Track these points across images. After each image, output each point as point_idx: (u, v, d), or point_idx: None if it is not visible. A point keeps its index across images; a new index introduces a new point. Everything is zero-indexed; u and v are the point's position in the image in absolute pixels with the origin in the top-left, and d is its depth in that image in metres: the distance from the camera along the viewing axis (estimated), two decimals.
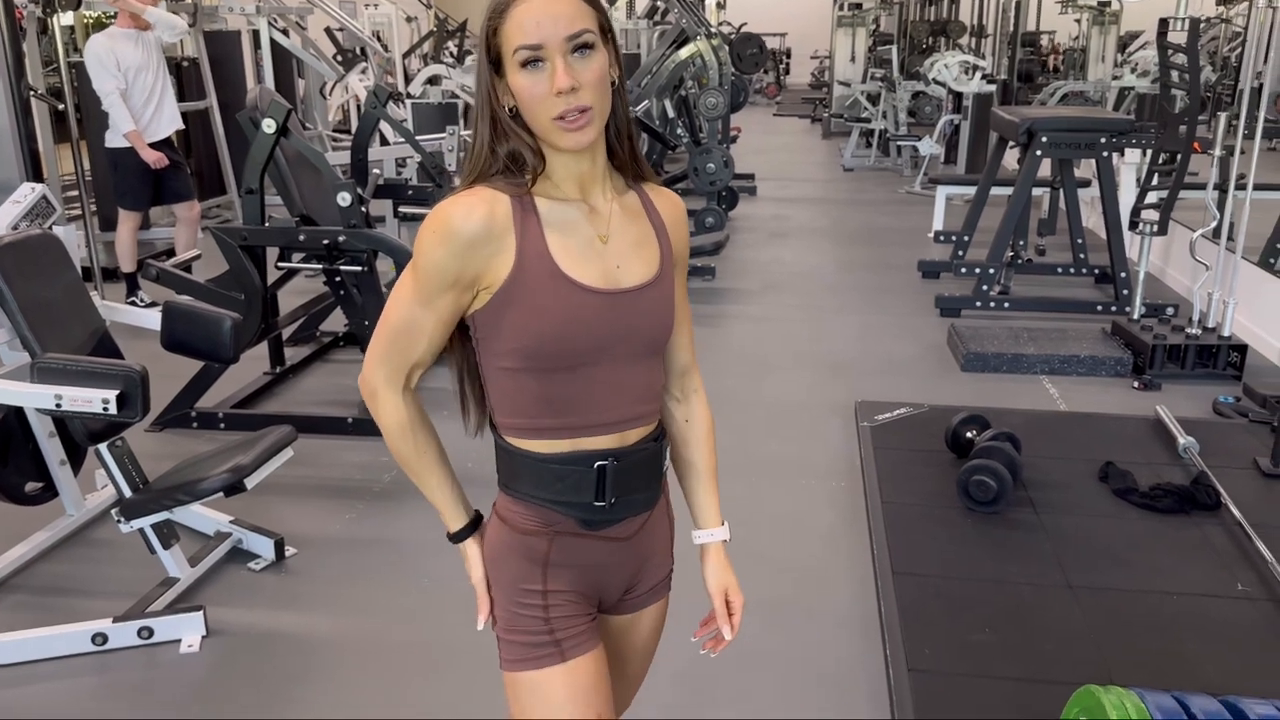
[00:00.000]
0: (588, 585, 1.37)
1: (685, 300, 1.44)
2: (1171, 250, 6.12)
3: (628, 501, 1.34)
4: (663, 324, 1.34)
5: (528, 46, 1.18)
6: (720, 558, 1.48)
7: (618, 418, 1.31)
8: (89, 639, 2.58)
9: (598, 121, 1.22)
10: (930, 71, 9.89)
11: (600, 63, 1.21)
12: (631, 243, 1.31)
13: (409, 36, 13.80)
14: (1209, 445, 3.61)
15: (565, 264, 1.25)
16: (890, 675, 2.45)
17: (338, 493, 3.49)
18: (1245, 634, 2.63)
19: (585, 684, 1.32)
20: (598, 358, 1.27)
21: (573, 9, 1.19)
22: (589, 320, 1.25)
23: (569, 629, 1.33)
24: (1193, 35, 4.80)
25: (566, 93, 1.17)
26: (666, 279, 1.33)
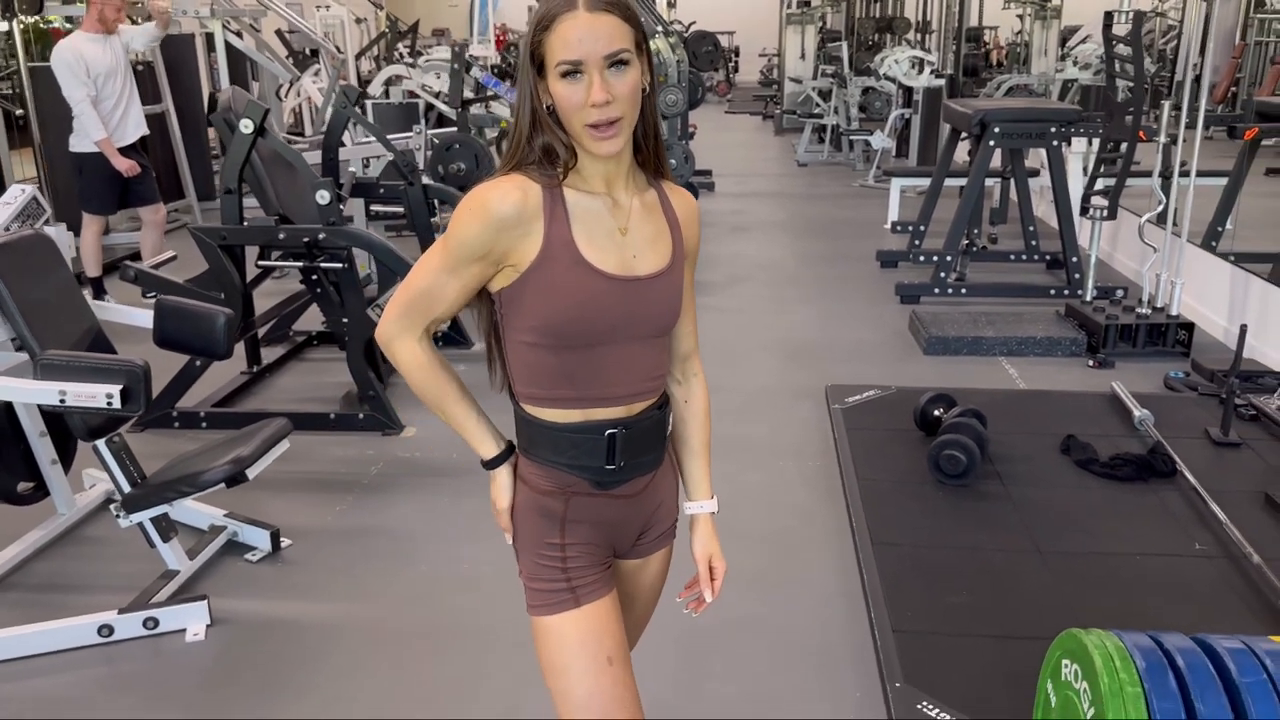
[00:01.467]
0: (601, 538, 1.50)
1: (692, 291, 1.55)
2: (1119, 236, 6.35)
3: (636, 464, 1.48)
4: (671, 310, 1.46)
5: (569, 61, 1.29)
6: (707, 528, 1.62)
7: (626, 391, 1.44)
8: (95, 631, 2.62)
9: (626, 130, 1.34)
10: (881, 67, 10.10)
11: (633, 77, 1.32)
12: (648, 236, 1.43)
13: (360, 38, 13.77)
14: (1162, 417, 3.80)
15: (587, 251, 1.37)
16: (876, 637, 2.58)
17: (327, 486, 3.55)
18: (1204, 589, 2.80)
19: (597, 627, 1.46)
20: (611, 337, 1.40)
21: (612, 29, 1.30)
22: (605, 303, 1.38)
23: (583, 578, 1.47)
24: (1136, 27, 5.01)
25: (601, 105, 1.29)
26: (676, 270, 1.45)
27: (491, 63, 9.37)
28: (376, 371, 4.17)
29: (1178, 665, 1.74)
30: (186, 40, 8.68)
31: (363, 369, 3.95)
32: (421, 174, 4.92)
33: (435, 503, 3.42)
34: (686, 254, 1.49)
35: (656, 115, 1.42)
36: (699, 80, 9.26)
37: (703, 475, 1.62)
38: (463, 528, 3.26)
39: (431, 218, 4.90)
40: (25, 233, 2.85)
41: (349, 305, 3.97)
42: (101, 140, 5.21)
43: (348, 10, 11.93)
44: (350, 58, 10.49)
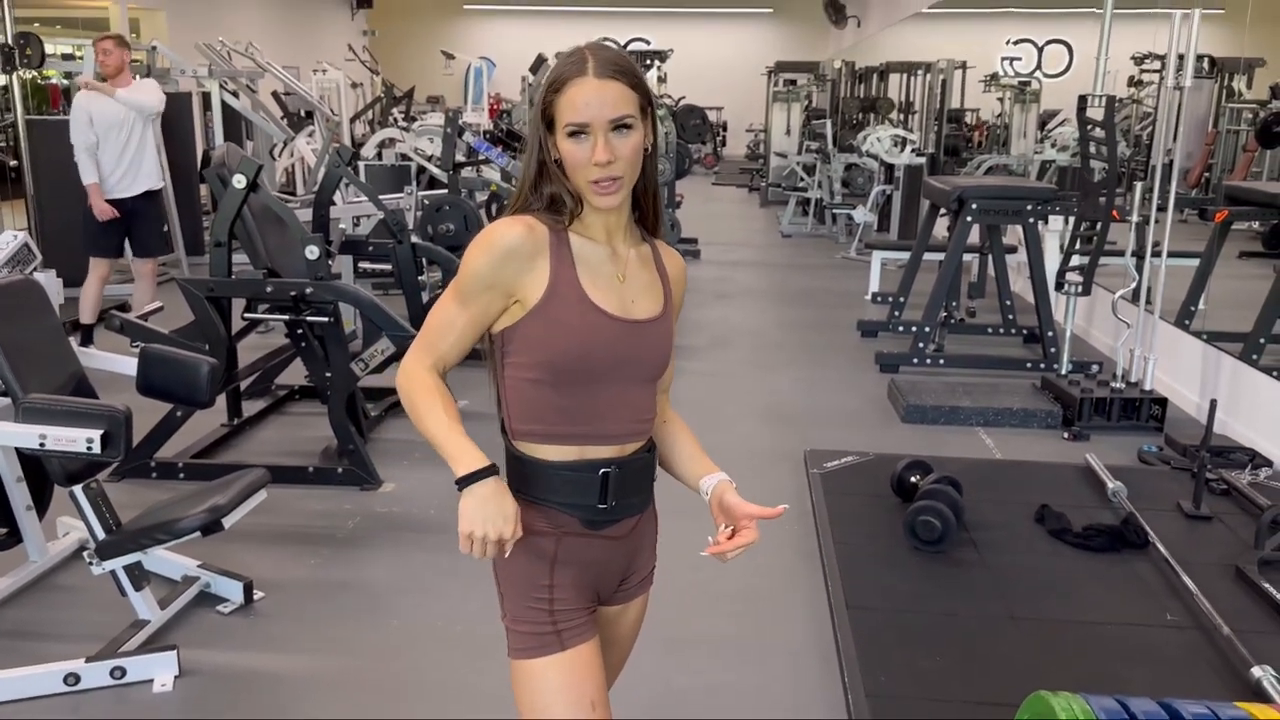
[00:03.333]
0: (588, 581, 1.53)
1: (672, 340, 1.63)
2: (1094, 312, 6.47)
3: (626, 504, 1.53)
4: (662, 355, 1.56)
5: (575, 124, 1.39)
6: (730, 492, 1.59)
7: (620, 431, 1.50)
8: (61, 679, 2.59)
9: (626, 187, 1.44)
10: (864, 144, 10.33)
11: (636, 140, 1.42)
12: (643, 284, 1.53)
13: (355, 102, 14.00)
14: (1136, 490, 3.84)
15: (591, 292, 1.46)
16: (849, 701, 2.58)
17: (302, 539, 3.53)
18: (1174, 659, 2.81)
19: (581, 671, 1.47)
20: (609, 376, 1.47)
21: (618, 95, 1.40)
22: (606, 342, 1.46)
23: (569, 621, 1.48)
24: (1108, 111, 5.17)
25: (603, 165, 1.39)
26: (667, 319, 1.56)
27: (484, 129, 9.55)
28: (358, 426, 4.18)
29: None
30: (184, 99, 8.80)
31: (344, 423, 3.96)
32: (411, 233, 4.99)
33: (411, 558, 3.41)
34: (674, 307, 1.59)
35: (656, 174, 1.52)
36: (686, 151, 9.46)
37: (703, 456, 1.66)
38: (438, 583, 3.25)
39: (419, 276, 4.96)
40: (15, 278, 2.88)
41: (333, 359, 4.00)
42: (90, 185, 5.35)
43: (344, 74, 12.17)
44: (345, 120, 10.69)
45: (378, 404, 4.80)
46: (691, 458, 1.66)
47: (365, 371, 4.21)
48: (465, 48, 17.65)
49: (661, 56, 12.54)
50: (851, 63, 15.28)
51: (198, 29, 11.34)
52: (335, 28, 18.40)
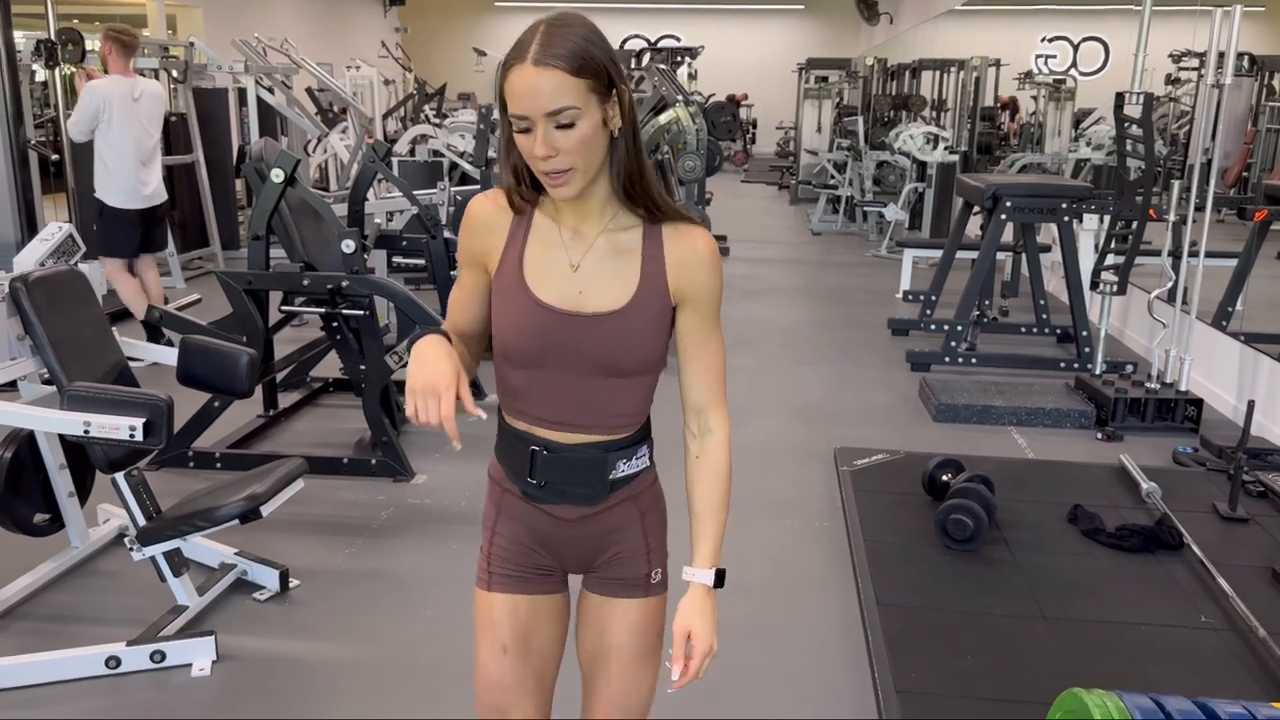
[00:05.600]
0: (534, 543, 1.55)
1: (707, 340, 1.49)
2: (1129, 312, 6.41)
3: (559, 490, 1.49)
4: (619, 352, 1.43)
5: (515, 116, 1.31)
6: (693, 598, 1.48)
7: (556, 418, 1.47)
8: (102, 662, 2.64)
9: (579, 178, 1.35)
10: (896, 142, 10.28)
11: (582, 130, 1.31)
12: (604, 274, 1.42)
13: (388, 99, 14.10)
14: (1170, 491, 3.81)
15: (531, 277, 1.43)
16: (879, 696, 2.58)
17: (337, 529, 3.58)
18: (1208, 660, 2.79)
19: (501, 615, 1.55)
20: (543, 363, 1.44)
21: (553, 85, 1.28)
22: (536, 331, 1.42)
23: (502, 569, 1.56)
24: (1147, 108, 5.12)
25: (543, 159, 1.32)
26: (637, 313, 1.42)
27: None
28: (391, 418, 4.23)
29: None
30: (219, 94, 8.92)
31: (378, 415, 4.01)
32: (444, 228, 5.03)
33: (444, 549, 3.44)
34: (685, 299, 1.45)
35: (640, 160, 1.39)
36: (716, 149, 9.42)
37: (701, 540, 1.50)
38: (470, 574, 3.26)
39: (451, 270, 4.99)
40: (60, 268, 2.94)
41: (368, 352, 4.04)
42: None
43: (377, 71, 12.26)
44: (378, 117, 10.77)
45: None
46: (694, 531, 1.51)
47: (399, 364, 4.25)
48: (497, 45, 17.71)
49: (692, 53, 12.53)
50: (883, 59, 15.20)
51: (234, 25, 11.47)
52: (368, 24, 18.54)
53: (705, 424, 1.52)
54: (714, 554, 1.50)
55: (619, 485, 1.50)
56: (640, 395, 1.49)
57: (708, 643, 1.47)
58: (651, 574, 1.56)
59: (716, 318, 1.49)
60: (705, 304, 1.46)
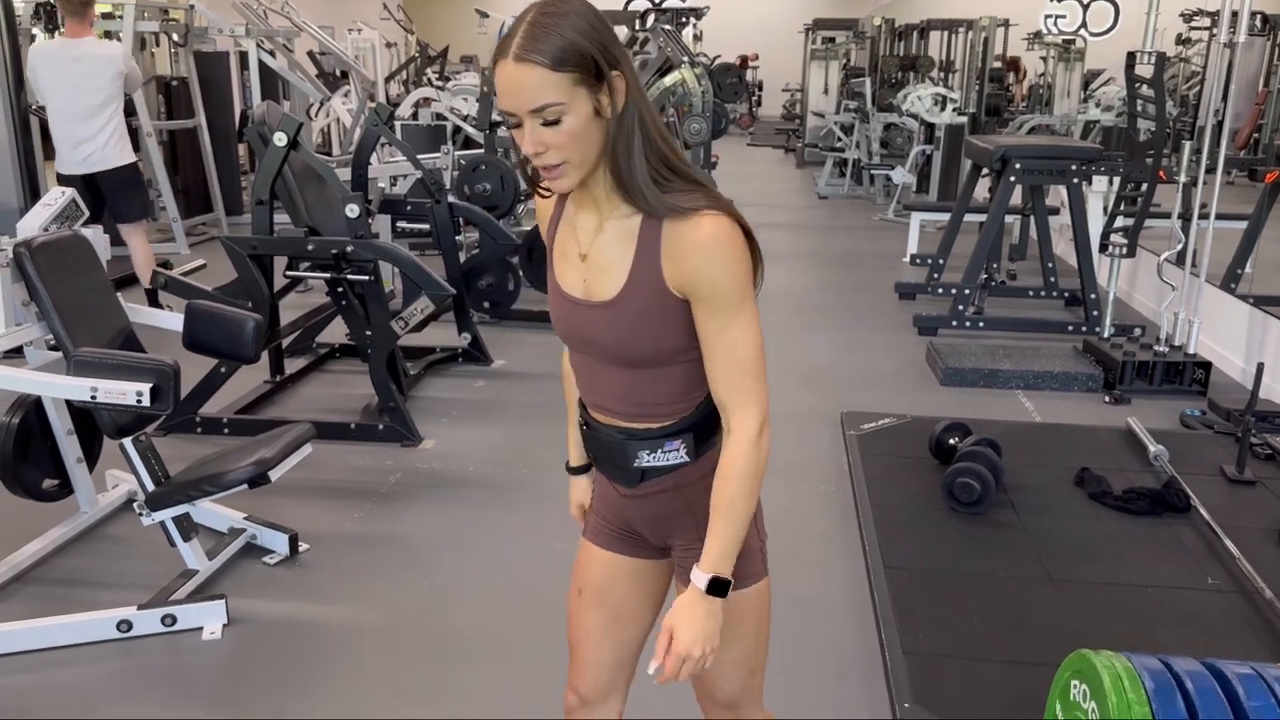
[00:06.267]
0: (608, 505, 1.61)
1: (722, 333, 1.37)
2: (1138, 275, 6.37)
3: (600, 462, 1.57)
4: (621, 343, 1.40)
5: (502, 111, 1.30)
6: (685, 598, 1.41)
7: (592, 400, 1.52)
8: (114, 625, 2.66)
9: (573, 171, 1.31)
10: (904, 103, 10.18)
11: (569, 125, 1.26)
12: (603, 264, 1.39)
13: (390, 62, 13.98)
14: (1178, 454, 3.80)
15: (557, 265, 1.48)
16: (886, 658, 2.59)
17: (345, 493, 3.59)
18: (1215, 622, 2.80)
19: (583, 560, 1.66)
20: (575, 346, 1.50)
21: (536, 81, 1.24)
22: (562, 317, 1.48)
23: (595, 521, 1.65)
24: (1158, 68, 5.06)
25: (534, 156, 1.30)
26: (629, 305, 1.37)
27: None
28: (399, 383, 4.22)
29: (1186, 688, 1.76)
30: (221, 57, 8.85)
31: (384, 380, 4.01)
32: (448, 193, 4.99)
33: (452, 513, 3.45)
34: (689, 291, 1.35)
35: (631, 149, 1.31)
36: (723, 111, 9.35)
37: (707, 541, 1.41)
38: (478, 538, 3.29)
39: (456, 236, 4.97)
40: (64, 233, 2.92)
41: (373, 317, 4.03)
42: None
43: (379, 34, 12.14)
44: (380, 80, 10.67)
45: (417, 362, 4.84)
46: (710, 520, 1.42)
47: (405, 330, 4.24)
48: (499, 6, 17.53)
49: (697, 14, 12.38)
50: (891, 20, 15.01)
51: None
52: None
53: (730, 423, 1.41)
54: (716, 558, 1.40)
55: (652, 474, 1.48)
56: (672, 389, 1.43)
57: (684, 646, 1.37)
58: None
59: (736, 309, 1.35)
60: (713, 296, 1.34)
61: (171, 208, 7.43)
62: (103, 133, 5.28)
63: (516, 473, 3.74)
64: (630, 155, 1.31)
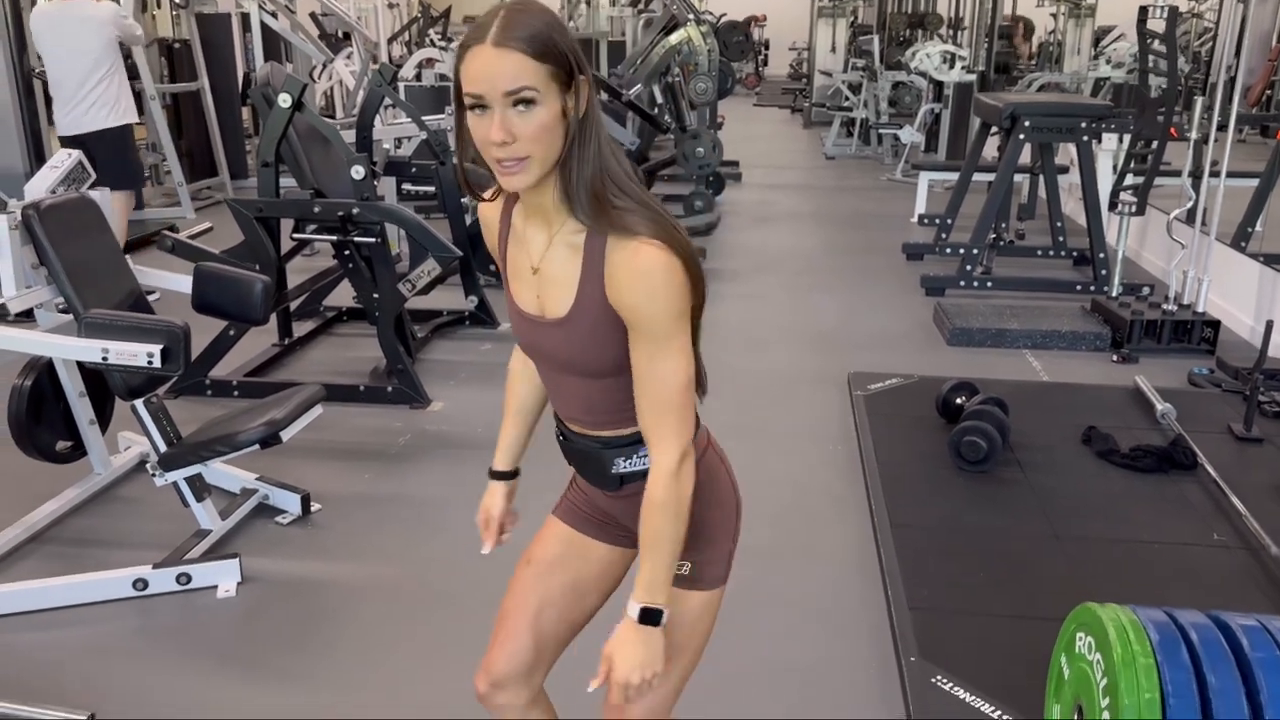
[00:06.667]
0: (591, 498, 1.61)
1: (652, 364, 1.32)
2: (1147, 234, 6.33)
3: (580, 471, 1.57)
4: (579, 356, 1.39)
5: (471, 95, 1.25)
6: (621, 627, 1.39)
7: (564, 412, 1.52)
8: (130, 584, 2.70)
9: (536, 168, 1.27)
10: (912, 61, 10.08)
11: (542, 116, 1.24)
12: (555, 279, 1.36)
13: (392, 23, 13.85)
14: (1185, 412, 3.81)
15: (510, 280, 1.45)
16: (892, 613, 2.61)
17: (355, 454, 3.62)
18: (1221, 577, 2.82)
19: (544, 533, 1.68)
20: (534, 358, 1.50)
21: (515, 66, 1.22)
22: (521, 332, 1.47)
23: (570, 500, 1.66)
24: (1171, 23, 5.00)
25: (499, 145, 1.25)
26: (580, 322, 1.35)
27: None
28: (406, 346, 4.24)
29: (1190, 639, 1.78)
30: (223, 19, 8.78)
31: (392, 343, 4.02)
32: (453, 154, 4.97)
33: (460, 473, 3.47)
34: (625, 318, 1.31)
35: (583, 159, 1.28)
36: (729, 70, 9.27)
37: (641, 571, 1.39)
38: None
39: (462, 198, 4.95)
40: (71, 195, 2.93)
41: (380, 280, 4.03)
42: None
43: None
44: (383, 41, 10.57)
45: (424, 325, 4.85)
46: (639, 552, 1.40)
47: (413, 292, 4.25)
48: None
49: None
50: None
51: None
52: None
53: (650, 454, 1.37)
54: (648, 588, 1.37)
55: (630, 479, 1.48)
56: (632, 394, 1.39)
57: (622, 674, 1.37)
58: (680, 567, 1.47)
59: (665, 342, 1.30)
60: (647, 326, 1.30)
61: (176, 171, 7.42)
62: (91, 94, 5.29)
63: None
64: (583, 164, 1.29)
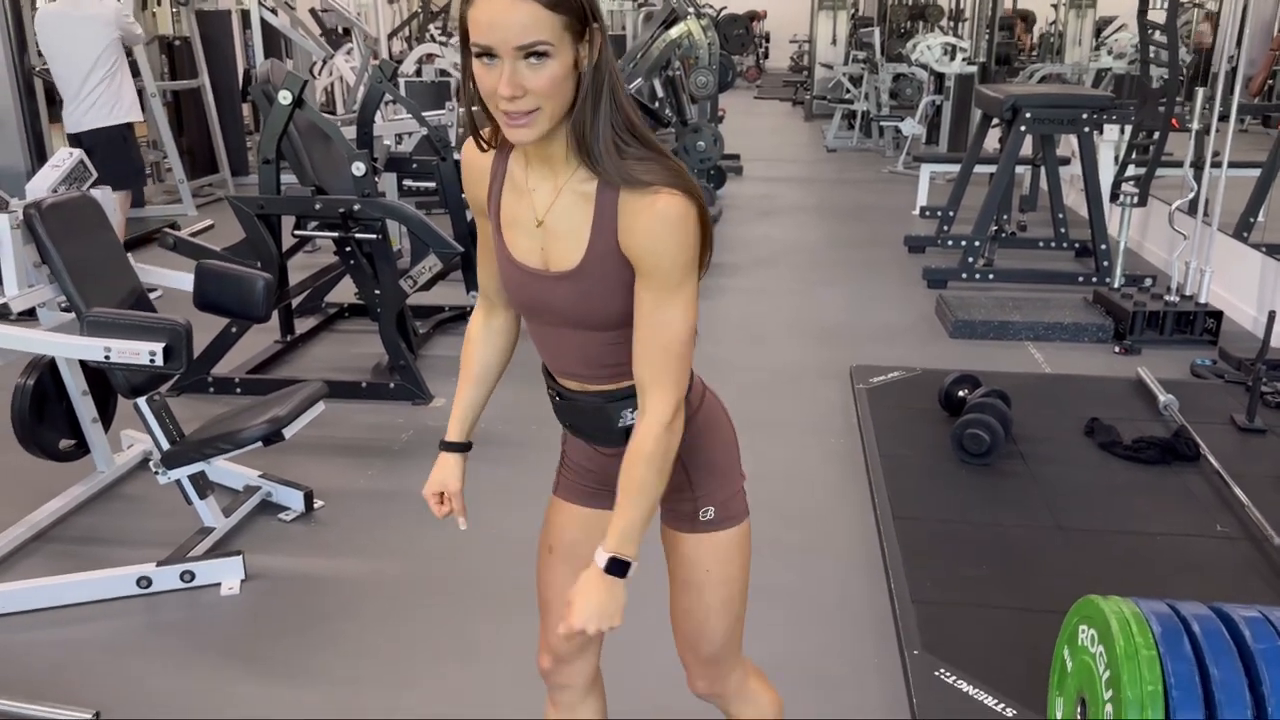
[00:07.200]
0: (588, 462, 1.59)
1: (658, 312, 1.32)
2: (1149, 225, 6.32)
3: (583, 432, 1.54)
4: (585, 310, 1.37)
5: (479, 45, 1.22)
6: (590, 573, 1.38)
7: (561, 367, 1.49)
8: (134, 582, 2.70)
9: (543, 121, 1.25)
10: (913, 53, 10.06)
11: (553, 69, 1.21)
12: (562, 232, 1.34)
13: (392, 18, 13.83)
14: (1188, 403, 3.80)
15: (506, 231, 1.40)
16: (896, 607, 2.62)
17: (358, 451, 3.62)
18: (1224, 569, 2.82)
19: (553, 517, 1.66)
20: (533, 316, 1.46)
21: (528, 17, 1.19)
22: (516, 286, 1.43)
23: (567, 477, 1.64)
24: (1172, 13, 4.98)
25: (508, 99, 1.22)
26: (590, 273, 1.34)
27: None
28: (408, 342, 4.24)
29: (1193, 630, 1.78)
30: (223, 16, 8.78)
31: (394, 339, 4.02)
32: (454, 150, 4.97)
33: None
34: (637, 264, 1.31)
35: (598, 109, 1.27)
36: (729, 63, 9.25)
37: (615, 520, 1.37)
38: (488, 493, 3.31)
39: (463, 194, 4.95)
40: (73, 194, 2.93)
41: (382, 276, 4.03)
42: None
43: None
44: (383, 37, 10.56)
45: (426, 321, 4.85)
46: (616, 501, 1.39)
47: (414, 289, 4.25)
48: None
49: None
50: None
51: None
52: None
53: (642, 403, 1.37)
54: (620, 538, 1.36)
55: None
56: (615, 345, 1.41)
57: (580, 620, 1.35)
58: (699, 512, 1.52)
59: (677, 289, 1.31)
60: (659, 273, 1.30)
61: (177, 168, 7.42)
62: (94, 93, 5.31)
63: (525, 429, 3.76)
64: (596, 114, 1.27)
